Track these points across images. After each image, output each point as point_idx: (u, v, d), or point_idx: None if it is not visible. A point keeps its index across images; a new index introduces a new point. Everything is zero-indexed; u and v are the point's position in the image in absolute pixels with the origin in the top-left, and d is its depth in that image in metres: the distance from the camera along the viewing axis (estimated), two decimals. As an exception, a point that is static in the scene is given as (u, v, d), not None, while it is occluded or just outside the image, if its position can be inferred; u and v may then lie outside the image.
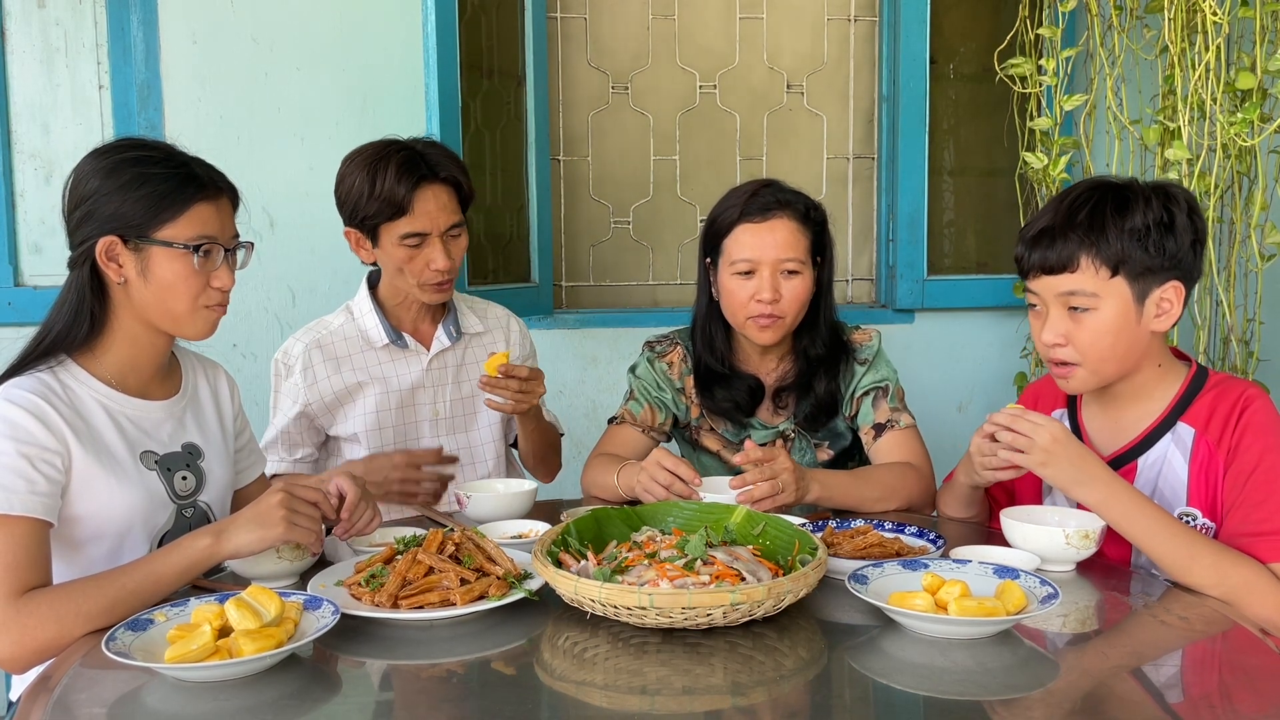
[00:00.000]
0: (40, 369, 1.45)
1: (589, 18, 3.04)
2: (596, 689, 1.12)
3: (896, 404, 1.94)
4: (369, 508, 1.54)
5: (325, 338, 2.01)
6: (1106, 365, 1.52)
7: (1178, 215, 1.48)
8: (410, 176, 1.88)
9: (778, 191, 1.91)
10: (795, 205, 1.90)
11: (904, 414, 1.93)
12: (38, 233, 2.73)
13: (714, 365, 2.00)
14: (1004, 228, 3.07)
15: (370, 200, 1.89)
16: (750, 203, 1.89)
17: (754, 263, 1.87)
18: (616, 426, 2.03)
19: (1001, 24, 2.90)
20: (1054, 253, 1.50)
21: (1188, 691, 1.15)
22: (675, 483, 1.71)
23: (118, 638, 1.18)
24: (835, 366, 1.97)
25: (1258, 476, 1.44)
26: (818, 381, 1.96)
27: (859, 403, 1.95)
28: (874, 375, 1.95)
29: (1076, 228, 1.48)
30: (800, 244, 1.89)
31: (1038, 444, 1.46)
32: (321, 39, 2.73)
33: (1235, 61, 2.43)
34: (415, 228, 1.90)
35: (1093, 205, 1.49)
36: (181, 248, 1.46)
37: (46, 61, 2.70)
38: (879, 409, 1.93)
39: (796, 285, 1.88)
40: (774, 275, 1.87)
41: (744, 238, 1.88)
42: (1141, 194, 1.49)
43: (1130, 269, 1.47)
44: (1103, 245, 1.47)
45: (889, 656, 1.19)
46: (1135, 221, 1.46)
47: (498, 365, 1.87)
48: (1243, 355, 2.62)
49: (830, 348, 1.97)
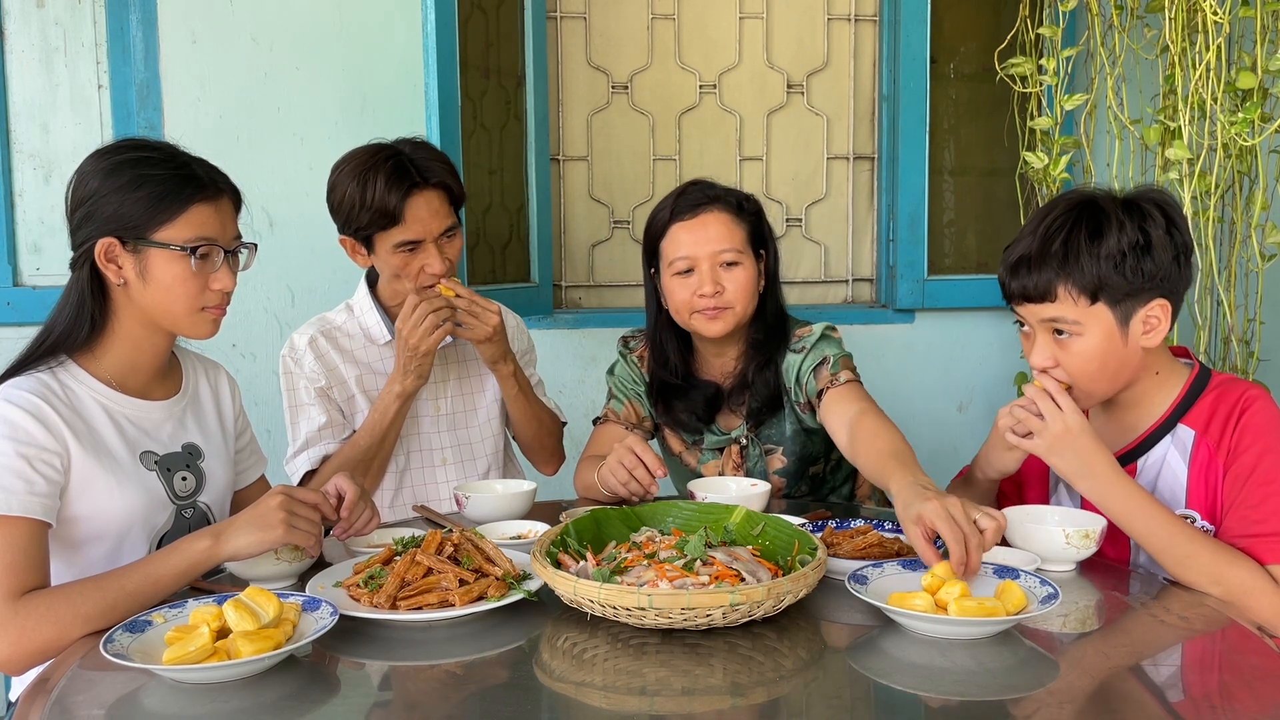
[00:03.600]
0: (40, 369, 1.45)
1: (589, 18, 3.04)
2: (596, 690, 1.12)
3: (836, 369, 1.85)
4: (367, 507, 1.54)
5: (329, 330, 2.03)
6: (1097, 385, 1.52)
7: (1154, 234, 1.45)
8: (400, 185, 1.87)
9: (706, 188, 1.91)
10: (725, 199, 1.90)
11: (843, 372, 1.85)
12: (37, 233, 2.73)
13: (667, 378, 1.99)
14: (1004, 228, 3.07)
15: (362, 211, 1.88)
16: (679, 202, 1.89)
17: (691, 259, 1.87)
18: (601, 426, 2.04)
19: (1002, 23, 2.90)
20: (1031, 281, 1.49)
21: (1188, 691, 1.15)
22: (638, 468, 1.69)
23: (116, 639, 1.17)
24: (771, 356, 1.94)
25: (1256, 477, 1.44)
26: (754, 372, 1.93)
27: (805, 386, 1.89)
28: (814, 358, 1.89)
29: (1051, 258, 1.47)
30: (735, 235, 1.88)
31: (1050, 430, 1.46)
32: (321, 39, 2.73)
33: (1236, 61, 2.42)
34: (409, 236, 1.90)
35: (1067, 232, 1.47)
36: (179, 249, 1.45)
37: (46, 61, 2.70)
38: (820, 378, 1.86)
39: (738, 275, 1.87)
40: (713, 269, 1.86)
41: (679, 236, 1.89)
42: (1116, 216, 1.46)
43: (1110, 295, 1.46)
44: (1078, 275, 1.45)
45: (889, 657, 1.19)
46: (1110, 247, 1.44)
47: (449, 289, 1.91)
48: (1243, 355, 2.62)
49: (769, 337, 1.94)
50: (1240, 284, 2.66)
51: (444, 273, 1.94)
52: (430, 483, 2.09)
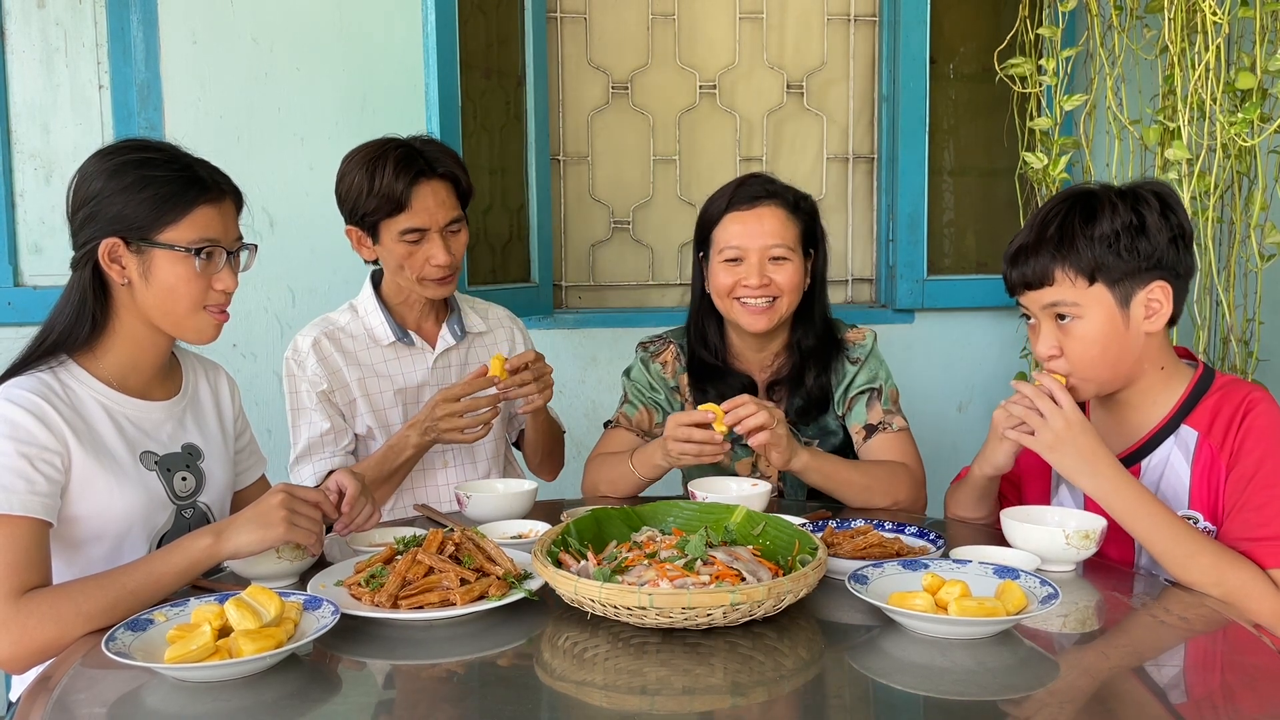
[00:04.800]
0: (41, 369, 1.45)
1: (589, 18, 3.04)
2: (596, 689, 1.12)
3: (890, 406, 1.94)
4: (368, 503, 1.55)
5: (333, 332, 2.02)
6: (1099, 371, 1.53)
7: (1148, 216, 1.48)
8: (408, 172, 1.89)
9: (765, 182, 1.93)
10: (783, 195, 1.92)
11: (897, 417, 1.93)
12: (37, 233, 2.73)
13: (707, 358, 2.00)
14: (1004, 228, 3.07)
15: (369, 197, 1.90)
16: (738, 192, 1.91)
17: (741, 250, 1.88)
18: (613, 430, 2.04)
19: (1001, 24, 2.90)
20: (1029, 269, 1.52)
21: (1188, 691, 1.15)
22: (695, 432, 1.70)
23: (117, 638, 1.18)
24: (826, 361, 1.97)
25: (1259, 480, 1.44)
26: (808, 375, 1.96)
27: (852, 402, 1.95)
28: (867, 374, 1.95)
29: (1047, 243, 1.51)
30: (788, 232, 1.90)
31: (1051, 427, 1.47)
32: (321, 39, 2.73)
33: (1235, 61, 2.43)
34: (414, 223, 1.91)
35: (1061, 218, 1.51)
36: (183, 250, 1.46)
37: (46, 61, 2.70)
38: (872, 410, 1.93)
39: (787, 271, 1.89)
40: (762, 262, 1.88)
41: (732, 226, 1.90)
42: (1109, 200, 1.50)
43: (1107, 275, 1.48)
44: (1073, 256, 1.49)
45: (889, 657, 1.19)
46: (1104, 228, 1.48)
47: (501, 365, 1.88)
48: (1242, 355, 2.62)
49: (822, 341, 1.97)
50: (1239, 284, 2.66)
51: (448, 264, 1.94)
52: (430, 485, 2.09)
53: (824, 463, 1.80)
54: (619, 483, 1.90)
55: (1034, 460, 1.61)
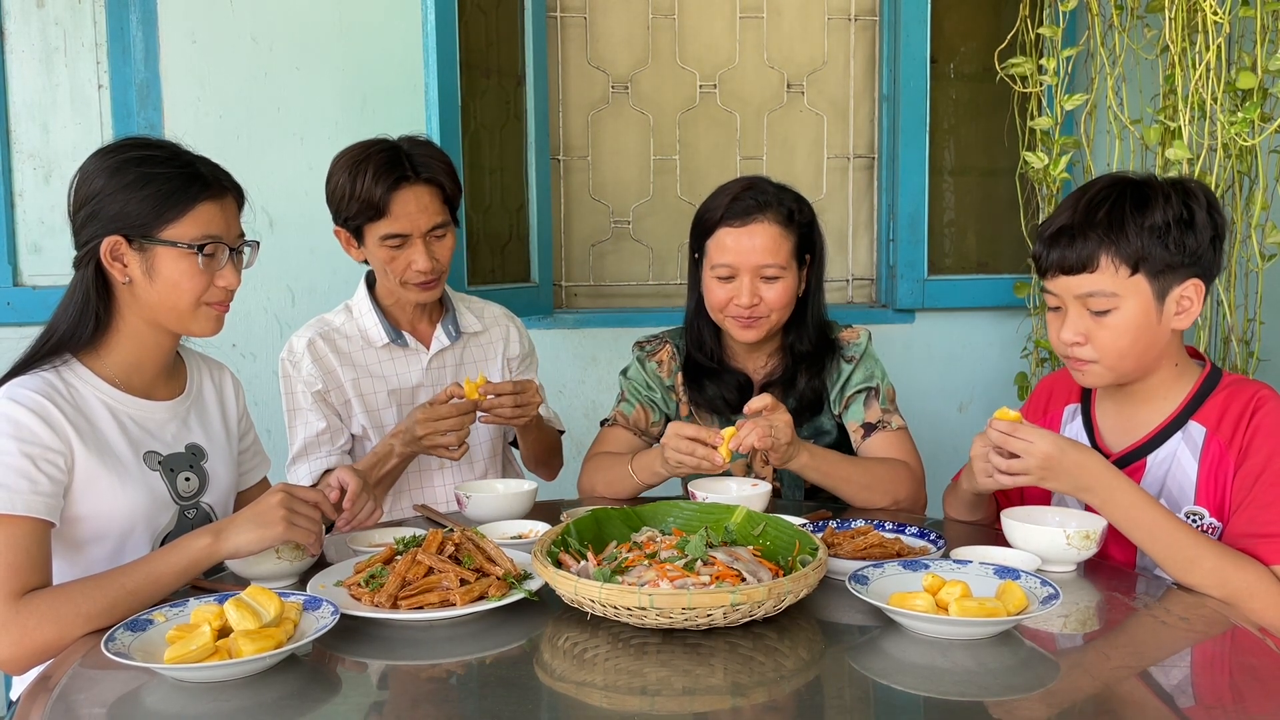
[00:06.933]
0: (44, 368, 1.45)
1: (589, 17, 3.04)
2: (596, 690, 1.12)
3: (888, 405, 1.93)
4: (369, 500, 1.55)
5: (327, 333, 2.02)
6: (1125, 362, 1.51)
7: (1198, 211, 1.47)
8: (389, 177, 1.87)
9: (759, 194, 1.88)
10: (778, 208, 1.88)
11: (895, 416, 1.93)
12: (37, 233, 2.73)
13: (702, 361, 2.00)
14: (1004, 228, 3.07)
15: (351, 201, 1.89)
16: (732, 205, 1.88)
17: (733, 268, 1.87)
18: (609, 428, 2.04)
19: (1002, 23, 2.90)
20: (1073, 252, 1.48)
21: (1189, 691, 1.15)
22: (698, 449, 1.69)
23: (117, 638, 1.18)
24: (820, 363, 1.96)
25: (1266, 477, 1.44)
26: (801, 378, 1.96)
27: (849, 401, 1.95)
28: (863, 373, 1.95)
29: (1096, 226, 1.47)
30: (781, 249, 1.87)
31: (1032, 464, 1.45)
32: (321, 39, 2.73)
33: (1236, 61, 2.42)
34: (395, 229, 1.90)
35: (1112, 202, 1.47)
36: (186, 247, 1.46)
37: (45, 61, 2.70)
38: (869, 409, 1.92)
39: (778, 289, 1.88)
40: (753, 281, 1.86)
41: (724, 241, 1.88)
42: (1161, 190, 1.48)
43: (1150, 267, 1.46)
44: (1122, 243, 1.46)
45: (889, 657, 1.19)
46: (1155, 219, 1.45)
47: (479, 388, 1.86)
48: (1243, 355, 2.62)
49: (816, 345, 1.97)
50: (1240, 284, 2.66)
51: (429, 270, 1.93)
52: (430, 485, 2.09)
53: (823, 461, 1.80)
54: (616, 485, 1.90)
55: None
